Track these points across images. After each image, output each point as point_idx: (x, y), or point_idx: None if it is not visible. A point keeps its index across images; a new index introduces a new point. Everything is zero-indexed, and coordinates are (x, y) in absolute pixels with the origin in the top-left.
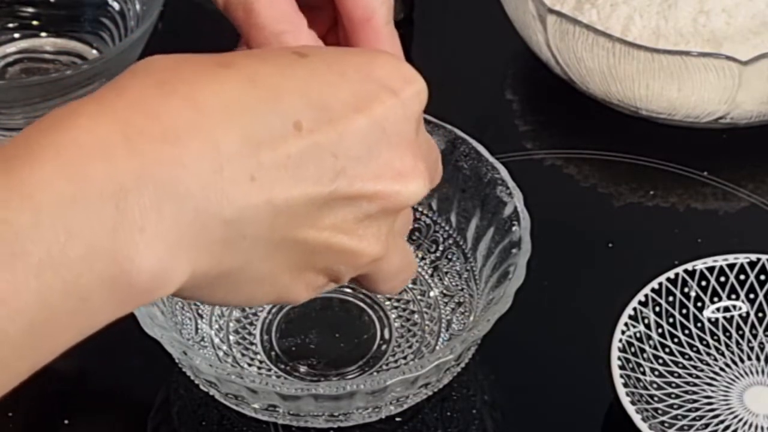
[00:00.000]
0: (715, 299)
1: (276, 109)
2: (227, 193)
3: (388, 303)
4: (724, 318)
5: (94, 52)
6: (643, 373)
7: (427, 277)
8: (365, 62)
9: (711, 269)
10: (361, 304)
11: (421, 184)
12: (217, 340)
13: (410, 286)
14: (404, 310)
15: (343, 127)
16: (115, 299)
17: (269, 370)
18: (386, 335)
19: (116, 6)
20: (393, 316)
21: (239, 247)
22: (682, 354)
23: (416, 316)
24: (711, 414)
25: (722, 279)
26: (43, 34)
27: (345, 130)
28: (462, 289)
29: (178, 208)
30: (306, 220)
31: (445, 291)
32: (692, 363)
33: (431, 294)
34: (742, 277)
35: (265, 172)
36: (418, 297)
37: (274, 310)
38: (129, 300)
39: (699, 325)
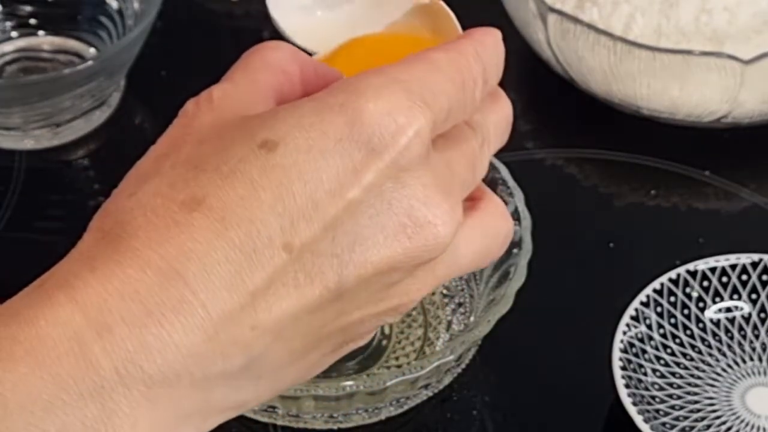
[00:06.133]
0: (717, 300)
1: (257, 245)
2: (227, 353)
3: None
4: (726, 318)
5: (92, 50)
6: (645, 374)
7: None
8: (347, 123)
9: (713, 269)
10: None
11: (450, 220)
12: None
13: None
14: None
15: (334, 221)
16: None
17: None
18: (386, 330)
19: (114, 5)
20: None
21: (259, 387)
22: (684, 355)
23: (415, 312)
24: (713, 415)
25: (724, 279)
26: (41, 32)
27: (337, 224)
28: (462, 290)
29: (174, 389)
30: (324, 321)
31: (445, 291)
32: (694, 364)
33: (432, 294)
34: (744, 277)
35: (265, 313)
36: None
37: None
38: None
39: (701, 325)
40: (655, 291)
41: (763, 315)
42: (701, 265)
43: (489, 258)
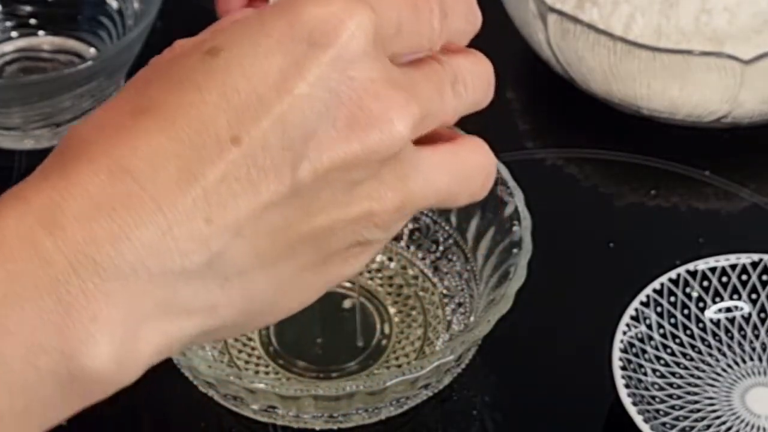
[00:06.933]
0: (717, 300)
1: (206, 141)
2: (184, 249)
3: (388, 298)
4: (726, 318)
5: (92, 50)
6: (645, 374)
7: (429, 274)
8: (288, 23)
9: (713, 269)
10: (360, 298)
11: (404, 113)
12: None
13: (410, 281)
14: (404, 305)
15: (282, 114)
16: (75, 395)
17: (267, 366)
18: (386, 330)
19: (114, 4)
20: (393, 311)
21: (227, 289)
22: (684, 355)
23: (415, 312)
24: (713, 415)
25: (724, 279)
26: (41, 32)
27: (285, 117)
28: (462, 290)
29: (130, 283)
30: (288, 221)
31: (445, 291)
32: (694, 364)
33: (432, 294)
34: (744, 277)
35: (220, 208)
36: (420, 293)
37: None
38: (93, 392)
39: (701, 325)
40: (655, 291)
41: (763, 315)
42: (701, 265)
43: (469, 189)
